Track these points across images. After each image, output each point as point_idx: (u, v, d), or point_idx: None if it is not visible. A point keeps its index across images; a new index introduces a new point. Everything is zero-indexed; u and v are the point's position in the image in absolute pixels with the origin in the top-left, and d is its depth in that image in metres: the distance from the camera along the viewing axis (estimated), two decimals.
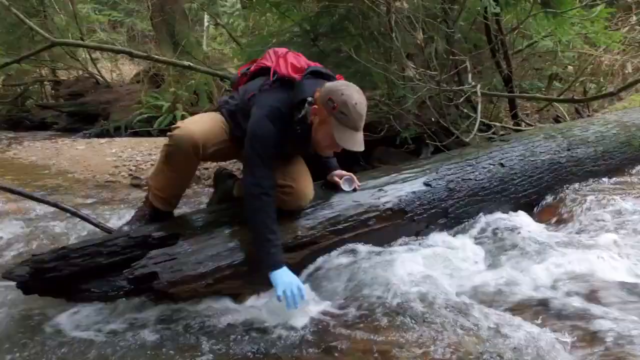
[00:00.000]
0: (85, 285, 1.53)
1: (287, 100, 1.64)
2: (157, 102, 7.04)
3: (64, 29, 8.65)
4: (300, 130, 1.62)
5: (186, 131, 1.64)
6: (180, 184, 1.78)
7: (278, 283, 1.48)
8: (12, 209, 2.83)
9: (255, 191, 1.55)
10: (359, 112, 1.52)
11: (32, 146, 5.72)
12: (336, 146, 1.59)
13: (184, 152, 1.64)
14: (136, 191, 3.36)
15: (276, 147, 1.60)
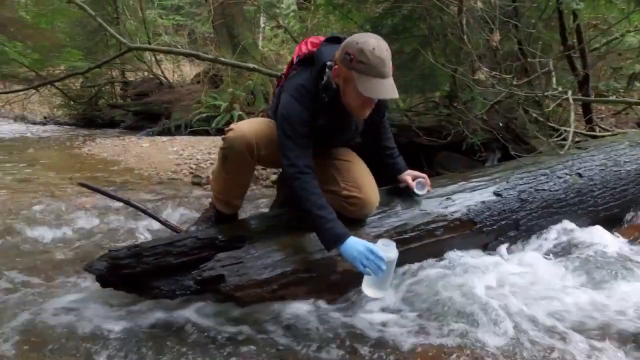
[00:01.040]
0: (155, 282, 1.58)
1: (310, 76, 1.58)
2: (215, 102, 7.27)
3: (134, 34, 9.18)
4: (328, 98, 1.54)
5: (239, 132, 1.65)
6: (239, 186, 1.78)
7: (351, 257, 1.44)
8: (88, 203, 3.01)
9: (292, 172, 1.51)
10: (379, 57, 1.38)
11: (103, 143, 6.10)
12: (367, 101, 1.49)
13: (238, 153, 1.64)
14: (197, 189, 3.47)
15: (306, 124, 1.54)
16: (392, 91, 1.43)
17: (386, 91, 1.42)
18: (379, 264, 1.42)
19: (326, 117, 1.57)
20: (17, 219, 2.71)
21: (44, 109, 10.95)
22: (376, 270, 1.42)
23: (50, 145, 6.48)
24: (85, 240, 2.41)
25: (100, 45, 9.26)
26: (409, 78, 2.99)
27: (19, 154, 5.48)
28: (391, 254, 1.48)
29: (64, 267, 2.08)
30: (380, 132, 1.81)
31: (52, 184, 3.70)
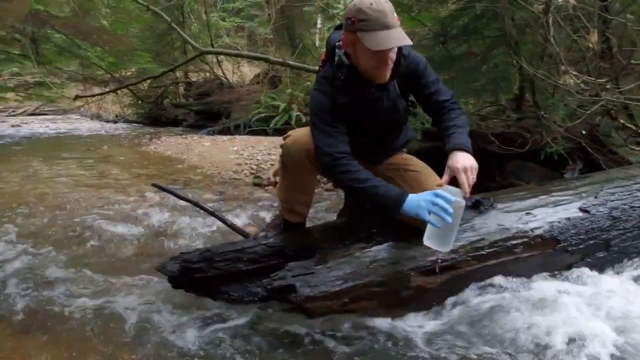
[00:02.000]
0: (225, 287, 1.59)
1: (328, 66, 1.55)
2: (274, 102, 7.37)
3: (197, 36, 9.56)
4: (343, 75, 1.49)
5: (296, 138, 1.62)
6: (302, 194, 1.73)
7: (416, 207, 1.37)
8: (157, 200, 3.14)
9: (327, 161, 1.47)
10: (378, 9, 1.33)
11: (167, 141, 6.38)
12: (381, 59, 1.39)
13: (297, 160, 1.61)
14: (258, 190, 3.51)
15: (331, 110, 1.50)
16: (402, 39, 1.36)
17: (395, 40, 1.35)
18: (446, 208, 1.33)
19: (346, 94, 1.51)
20: (92, 214, 2.88)
21: (115, 108, 11.70)
22: (444, 216, 1.33)
23: (122, 143, 6.88)
24: (154, 238, 2.51)
25: (167, 48, 9.76)
26: (482, 82, 2.83)
27: (95, 151, 5.87)
28: (459, 199, 1.38)
29: (136, 264, 2.17)
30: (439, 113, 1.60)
31: (124, 180, 3.92)
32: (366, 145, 1.59)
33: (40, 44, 6.99)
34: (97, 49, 7.62)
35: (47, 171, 4.43)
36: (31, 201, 3.20)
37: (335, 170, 1.45)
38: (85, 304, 1.77)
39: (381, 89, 1.52)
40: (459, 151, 1.45)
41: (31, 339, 1.57)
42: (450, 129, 1.52)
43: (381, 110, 1.56)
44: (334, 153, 1.45)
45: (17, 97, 9.26)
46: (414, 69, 1.55)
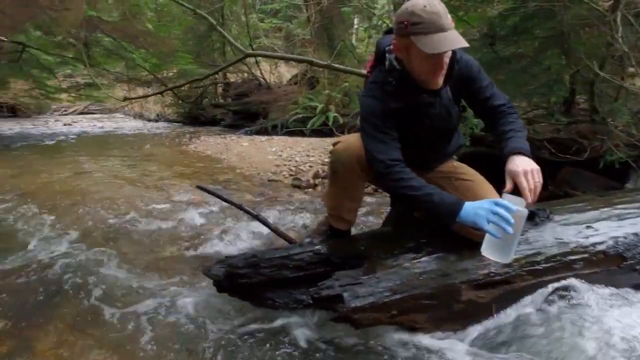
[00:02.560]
0: (270, 294, 1.58)
1: (378, 72, 1.51)
2: (311, 103, 7.38)
3: (236, 38, 9.71)
4: (394, 80, 1.44)
5: (347, 144, 1.59)
6: (351, 201, 1.70)
7: (473, 216, 1.30)
8: (198, 200, 3.19)
9: (380, 168, 1.42)
10: (432, 11, 1.27)
11: (207, 141, 6.51)
12: (436, 63, 1.34)
13: (348, 166, 1.57)
14: (297, 192, 3.50)
15: (383, 116, 1.45)
16: (458, 41, 1.28)
17: (450, 43, 1.28)
18: (507, 217, 1.25)
19: (398, 100, 1.46)
20: (137, 212, 2.95)
21: (157, 107, 12.11)
22: (505, 226, 1.25)
23: (163, 142, 7.09)
24: (196, 238, 2.54)
25: (207, 49, 9.98)
26: (534, 85, 2.70)
27: (139, 150, 6.07)
28: (521, 208, 1.28)
29: (180, 265, 2.19)
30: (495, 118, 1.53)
31: (166, 179, 4.01)
32: (417, 152, 1.53)
33: (91, 48, 7.30)
34: (141, 51, 7.91)
35: (95, 168, 4.61)
36: (80, 197, 3.33)
37: (388, 177, 1.41)
38: (131, 304, 1.80)
39: (433, 94, 1.46)
40: (518, 155, 1.36)
41: (77, 336, 1.61)
42: (507, 133, 1.44)
43: (433, 116, 1.50)
44: (386, 160, 1.41)
45: (69, 97, 9.73)
46: (468, 73, 1.49)
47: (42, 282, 1.99)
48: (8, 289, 1.92)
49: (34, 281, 2.00)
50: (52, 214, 2.92)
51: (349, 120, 7.18)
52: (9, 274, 2.07)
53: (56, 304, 1.82)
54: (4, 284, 1.98)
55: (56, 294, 1.89)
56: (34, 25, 5.89)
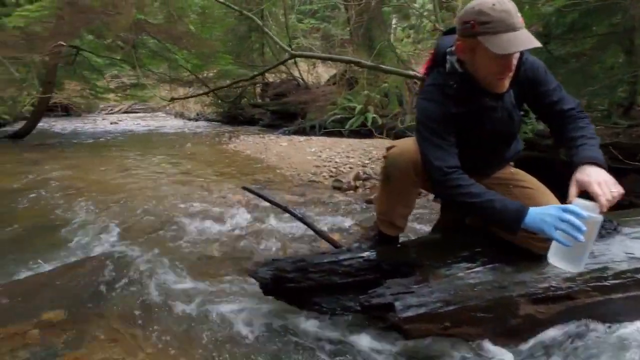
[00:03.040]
0: (317, 298, 1.56)
1: (437, 74, 1.44)
2: (350, 104, 7.34)
3: None
4: (456, 83, 1.38)
5: (402, 148, 1.54)
6: (403, 207, 1.65)
7: (540, 222, 1.21)
8: (240, 200, 3.22)
9: (438, 175, 1.36)
10: (502, 9, 1.20)
11: (246, 140, 6.60)
12: (504, 64, 1.26)
13: (402, 172, 1.52)
14: (338, 194, 3.48)
15: (441, 120, 1.39)
16: (530, 41, 1.20)
17: (522, 42, 1.21)
18: (578, 225, 1.15)
19: (459, 104, 1.40)
20: (180, 211, 3.01)
21: (197, 107, 12.42)
22: (576, 234, 1.15)
23: (203, 141, 7.25)
24: (239, 238, 2.55)
25: (246, 50, 10.14)
26: (593, 87, 2.54)
27: (180, 148, 6.23)
28: (594, 214, 1.18)
29: (224, 265, 2.21)
30: (563, 123, 1.43)
31: (208, 178, 4.08)
32: (474, 158, 1.47)
33: (138, 49, 7.58)
34: (183, 52, 8.13)
35: (140, 166, 4.77)
36: (127, 194, 3.44)
37: (446, 184, 1.35)
38: (177, 302, 1.83)
39: (496, 98, 1.39)
40: (591, 165, 1.27)
41: (127, 332, 1.64)
42: (577, 140, 1.35)
43: (495, 120, 1.43)
44: (444, 167, 1.35)
45: (116, 97, 10.16)
46: (534, 76, 1.41)
47: (93, 276, 2.05)
48: (62, 282, 1.99)
49: (85, 275, 2.06)
50: (101, 210, 3.03)
51: (387, 121, 7.09)
52: (62, 268, 2.15)
53: (107, 299, 1.87)
54: (58, 277, 2.05)
55: (107, 289, 1.94)
56: (87, 30, 6.18)
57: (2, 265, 2.15)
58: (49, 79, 6.95)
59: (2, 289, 1.93)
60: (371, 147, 5.05)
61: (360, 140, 5.84)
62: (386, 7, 9.72)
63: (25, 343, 1.55)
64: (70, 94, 11.52)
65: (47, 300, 1.83)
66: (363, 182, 3.71)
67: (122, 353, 1.53)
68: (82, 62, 7.89)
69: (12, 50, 4.58)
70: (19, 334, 1.61)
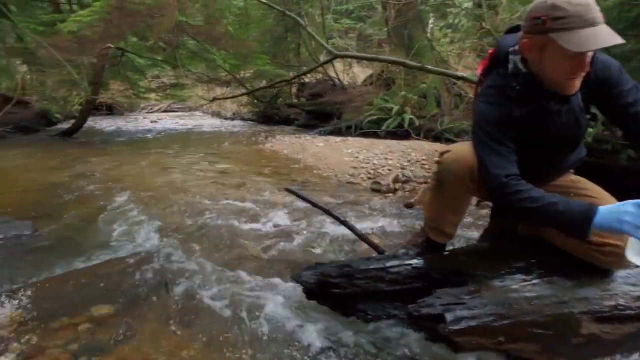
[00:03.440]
0: (362, 305, 1.52)
1: (496, 75, 1.36)
2: (387, 104, 7.25)
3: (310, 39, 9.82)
4: (519, 85, 1.29)
5: (458, 154, 1.47)
6: (455, 214, 1.60)
7: (615, 221, 1.14)
8: (279, 200, 3.23)
9: (495, 183, 1.29)
10: (579, 3, 1.11)
11: (282, 140, 6.63)
12: (578, 63, 1.17)
13: (456, 178, 1.46)
14: (377, 197, 3.42)
15: (501, 125, 1.31)
16: (611, 37, 1.11)
17: (602, 39, 1.11)
18: None
19: (522, 107, 1.32)
20: (220, 210, 3.04)
21: (233, 106, 12.63)
22: None
23: (240, 140, 7.35)
24: (278, 238, 2.54)
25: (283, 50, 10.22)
26: None
27: (218, 147, 6.34)
28: None
29: (264, 265, 2.21)
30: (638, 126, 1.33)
31: (246, 177, 4.12)
32: (534, 164, 1.39)
33: (178, 50, 7.79)
34: (222, 52, 8.28)
35: (180, 164, 4.88)
36: (168, 192, 3.52)
37: (504, 191, 1.28)
38: (219, 301, 1.83)
39: (562, 100, 1.30)
40: None
41: (172, 329, 1.65)
42: None
43: (560, 124, 1.34)
44: (502, 175, 1.28)
45: (157, 96, 10.49)
46: (607, 76, 1.30)
47: (138, 272, 2.09)
48: (108, 277, 2.04)
49: (130, 271, 2.10)
50: (143, 206, 3.10)
51: (425, 123, 6.95)
52: (108, 263, 2.20)
53: (151, 295, 1.90)
54: (105, 272, 2.10)
55: (151, 286, 1.98)
56: (132, 32, 6.40)
57: (52, 259, 2.23)
58: (97, 80, 7.25)
59: (53, 282, 2.00)
60: (409, 148, 4.95)
61: (398, 141, 5.74)
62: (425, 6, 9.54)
63: (76, 336, 1.59)
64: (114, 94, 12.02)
65: (95, 295, 1.88)
66: (402, 185, 3.63)
67: (166, 351, 1.54)
68: (126, 63, 8.20)
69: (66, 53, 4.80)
70: (70, 327, 1.65)
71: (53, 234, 2.59)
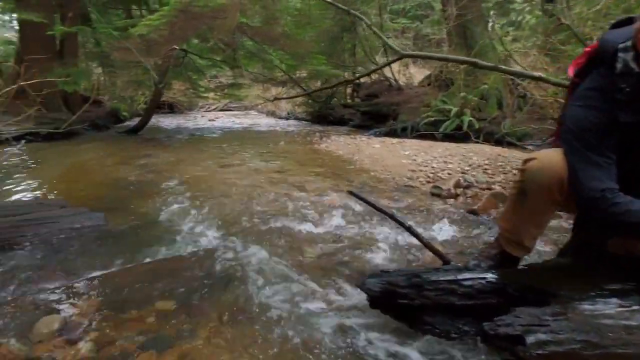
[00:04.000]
0: (429, 318, 1.44)
1: (597, 75, 1.22)
2: (445, 106, 7.01)
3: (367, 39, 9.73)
4: (630, 86, 1.15)
5: (546, 162, 1.34)
6: (536, 227, 1.48)
7: None
8: (335, 201, 3.19)
9: (589, 197, 1.17)
10: None
11: (337, 141, 6.60)
12: None
13: (543, 189, 1.34)
14: (437, 202, 3.28)
15: (606, 134, 1.17)
16: None
17: None
18: None
19: (632, 112, 1.18)
20: (278, 209, 3.05)
21: (287, 106, 12.81)
22: None
23: (295, 140, 7.41)
24: (337, 242, 2.50)
25: (339, 50, 10.21)
26: None
27: (274, 146, 6.42)
28: None
29: (323, 268, 2.17)
30: None
31: (302, 178, 4.12)
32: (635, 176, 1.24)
33: (237, 50, 8.01)
34: (279, 52, 8.41)
35: (237, 162, 4.99)
36: (227, 189, 3.59)
37: (600, 206, 1.15)
38: (279, 303, 1.81)
39: None
40: None
41: (231, 328, 1.65)
42: None
43: None
44: (599, 189, 1.16)
45: (215, 96, 10.87)
46: None
47: (199, 269, 2.13)
48: (172, 272, 2.10)
49: (192, 267, 2.15)
50: (203, 203, 3.18)
51: (485, 125, 6.65)
52: (171, 258, 2.26)
53: (213, 293, 1.92)
54: (168, 267, 2.17)
55: (212, 283, 2.00)
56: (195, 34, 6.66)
57: (121, 251, 2.33)
58: (162, 80, 7.61)
59: (122, 273, 2.09)
60: (470, 152, 4.73)
61: (458, 145, 5.52)
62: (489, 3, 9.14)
63: (142, 329, 1.64)
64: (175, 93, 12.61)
65: (160, 289, 1.93)
66: (464, 190, 3.47)
67: (225, 351, 1.55)
68: (188, 63, 8.54)
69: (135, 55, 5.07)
70: (136, 320, 1.71)
71: (122, 227, 2.72)
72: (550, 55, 6.55)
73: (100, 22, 7.22)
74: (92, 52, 8.73)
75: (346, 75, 10.61)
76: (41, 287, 1.92)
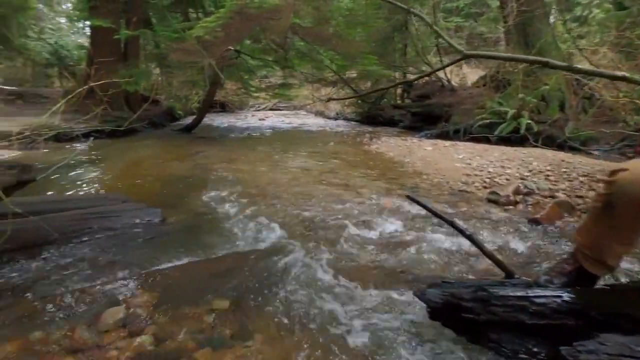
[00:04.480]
0: (495, 335, 1.35)
1: None
2: (501, 108, 6.70)
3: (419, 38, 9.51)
4: None
5: (638, 173, 1.20)
6: (622, 244, 1.34)
7: None
8: (389, 204, 3.11)
9: None
10: None
11: (387, 142, 6.49)
12: None
13: (633, 202, 1.21)
14: (495, 208, 3.12)
15: None
16: None
17: None
18: None
19: None
20: (330, 212, 3.01)
21: (336, 106, 12.79)
22: None
23: (345, 140, 7.37)
24: (391, 247, 2.43)
25: (390, 50, 10.06)
26: None
27: (323, 146, 6.42)
28: None
29: (378, 274, 2.11)
30: None
31: (353, 179, 4.07)
32: None
33: (289, 51, 8.09)
34: (329, 52, 8.40)
35: (288, 162, 5.02)
36: (278, 189, 3.61)
37: None
38: (334, 307, 1.78)
39: None
40: None
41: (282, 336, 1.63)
42: None
43: None
44: None
45: (266, 96, 11.07)
46: None
47: (254, 269, 2.14)
48: (227, 271, 2.12)
49: (247, 267, 2.16)
50: (254, 202, 3.22)
51: (545, 128, 6.29)
52: (226, 257, 2.29)
53: (268, 293, 1.92)
54: (223, 266, 2.19)
55: (267, 284, 2.00)
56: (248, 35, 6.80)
57: (178, 247, 2.40)
58: (215, 80, 7.84)
59: (180, 270, 2.14)
60: (530, 157, 4.48)
61: (515, 149, 5.25)
62: None
63: (200, 327, 1.66)
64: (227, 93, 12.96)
65: (216, 288, 1.96)
66: (524, 197, 3.28)
67: (279, 355, 1.53)
68: (241, 64, 8.74)
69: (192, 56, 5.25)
70: (195, 316, 1.74)
71: (178, 223, 2.80)
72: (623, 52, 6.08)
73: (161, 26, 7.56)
74: (151, 53, 9.17)
75: (397, 75, 10.44)
76: (106, 278, 2.01)
